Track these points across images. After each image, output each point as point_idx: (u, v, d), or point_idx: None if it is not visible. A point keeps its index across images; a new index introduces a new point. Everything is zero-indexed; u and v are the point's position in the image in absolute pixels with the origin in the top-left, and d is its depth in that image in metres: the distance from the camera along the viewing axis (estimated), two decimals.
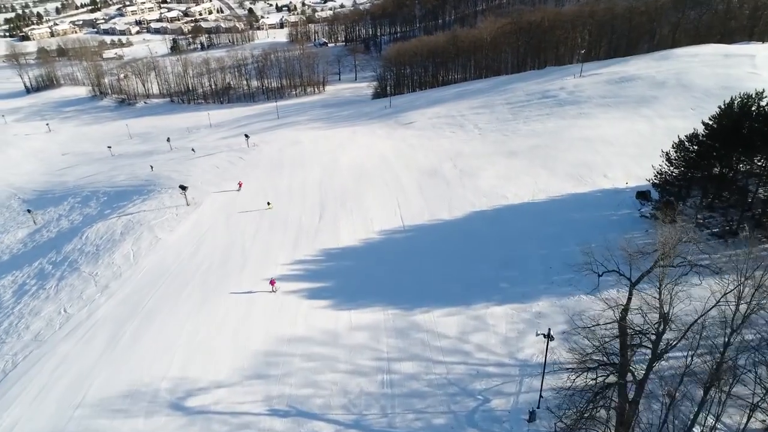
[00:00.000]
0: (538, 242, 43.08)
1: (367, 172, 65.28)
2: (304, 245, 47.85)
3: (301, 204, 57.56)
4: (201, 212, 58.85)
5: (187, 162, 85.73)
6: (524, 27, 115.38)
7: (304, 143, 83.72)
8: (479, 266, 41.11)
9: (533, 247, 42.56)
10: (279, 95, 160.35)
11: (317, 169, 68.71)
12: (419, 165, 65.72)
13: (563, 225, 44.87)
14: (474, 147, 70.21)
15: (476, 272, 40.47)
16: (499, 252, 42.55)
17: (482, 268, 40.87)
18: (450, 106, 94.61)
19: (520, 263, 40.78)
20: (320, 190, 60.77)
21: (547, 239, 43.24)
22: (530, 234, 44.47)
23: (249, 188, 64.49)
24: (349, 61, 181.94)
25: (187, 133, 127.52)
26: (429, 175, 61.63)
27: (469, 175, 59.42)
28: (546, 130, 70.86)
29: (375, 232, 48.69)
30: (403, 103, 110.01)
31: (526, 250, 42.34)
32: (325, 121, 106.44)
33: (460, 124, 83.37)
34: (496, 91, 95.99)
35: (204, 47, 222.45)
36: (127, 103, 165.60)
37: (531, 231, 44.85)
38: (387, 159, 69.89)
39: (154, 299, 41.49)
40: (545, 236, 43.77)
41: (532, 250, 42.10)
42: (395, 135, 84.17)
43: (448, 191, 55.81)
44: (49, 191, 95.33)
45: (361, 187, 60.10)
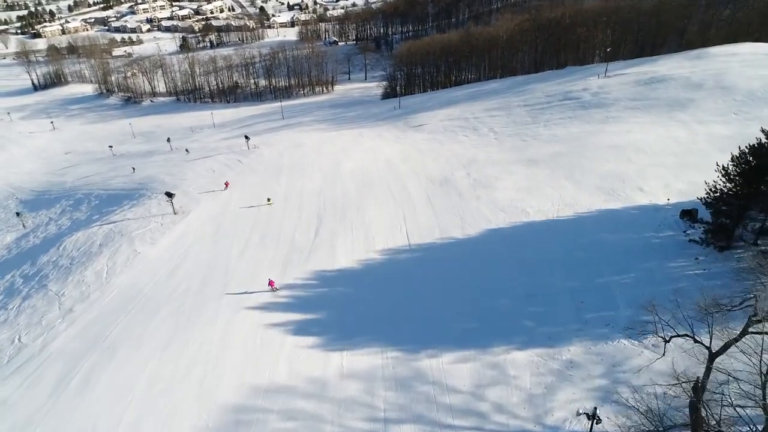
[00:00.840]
0: (566, 270, 36.27)
1: (372, 179, 58.84)
2: (295, 266, 41.53)
3: (297, 216, 51.28)
4: (188, 222, 52.86)
5: (184, 164, 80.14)
6: (543, 24, 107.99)
7: (307, 146, 77.49)
8: (497, 298, 34.46)
9: (561, 275, 35.76)
10: (287, 95, 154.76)
11: (317, 175, 62.42)
12: (429, 172, 59.12)
13: (595, 249, 38.00)
14: (489, 153, 63.40)
15: (494, 306, 33.82)
16: (521, 281, 35.82)
17: (501, 300, 34.21)
18: (463, 108, 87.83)
19: (545, 296, 34.02)
20: (319, 200, 54.46)
21: (577, 266, 36.41)
22: (557, 259, 37.66)
23: (243, 196, 58.43)
24: (359, 60, 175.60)
25: (190, 132, 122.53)
26: (439, 184, 55.00)
27: (485, 185, 52.68)
28: (569, 135, 63.79)
29: (377, 252, 42.20)
30: (413, 104, 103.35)
31: (552, 279, 35.56)
32: (330, 123, 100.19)
33: (474, 127, 76.55)
34: (512, 92, 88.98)
35: (213, 45, 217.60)
36: (133, 101, 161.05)
37: (557, 255, 38.03)
38: (394, 165, 63.37)
39: (118, 329, 35.45)
40: (575, 262, 36.95)
41: (559, 280, 35.31)
42: (404, 138, 77.63)
43: (461, 204, 49.13)
44: (46, 192, 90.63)
45: (364, 197, 53.69)
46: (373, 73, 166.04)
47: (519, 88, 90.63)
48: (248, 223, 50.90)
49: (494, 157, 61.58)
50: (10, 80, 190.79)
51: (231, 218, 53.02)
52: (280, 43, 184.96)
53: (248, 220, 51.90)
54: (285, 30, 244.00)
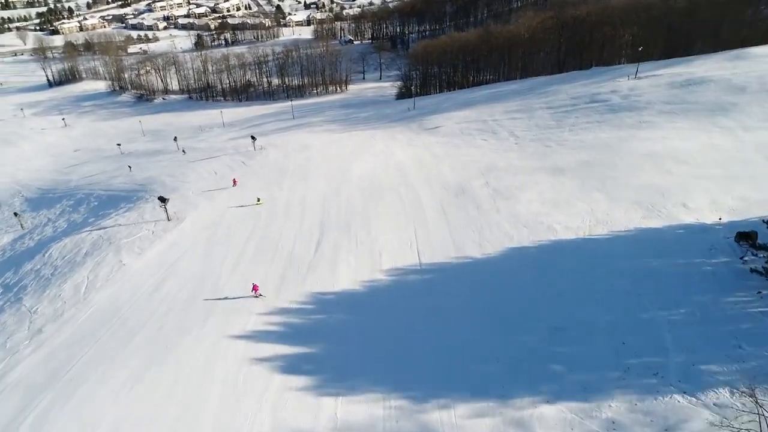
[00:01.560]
0: (602, 301, 30.75)
1: (381, 186, 53.78)
2: (291, 284, 36.62)
3: (298, 225, 46.41)
4: (181, 230, 48.37)
5: (187, 165, 76.20)
6: (567, 22, 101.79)
7: (314, 148, 72.81)
8: (520, 333, 29.12)
9: (595, 308, 30.25)
10: (299, 94, 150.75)
11: (323, 180, 57.59)
12: (444, 180, 53.85)
13: (636, 275, 32.40)
14: (510, 159, 57.89)
15: (516, 343, 28.49)
16: (548, 313, 30.40)
17: (524, 336, 28.86)
18: (481, 110, 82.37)
19: (578, 333, 28.56)
20: (322, 209, 49.56)
21: (615, 297, 30.87)
22: (590, 287, 32.15)
23: (242, 201, 53.85)
24: (374, 59, 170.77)
25: (199, 131, 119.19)
26: (455, 193, 49.69)
27: (505, 196, 47.23)
28: (599, 141, 57.97)
29: (383, 271, 37.07)
30: (428, 105, 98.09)
31: (585, 312, 30.07)
32: (341, 123, 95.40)
33: (493, 130, 71.02)
34: (534, 94, 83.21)
35: (228, 43, 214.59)
36: (145, 98, 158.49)
37: (591, 282, 32.52)
38: (406, 171, 58.24)
39: (86, 357, 30.91)
40: (611, 291, 31.41)
41: (594, 313, 29.81)
42: (417, 141, 72.44)
43: (479, 217, 43.77)
44: (51, 190, 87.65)
45: (372, 207, 48.63)
46: (387, 72, 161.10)
47: (541, 89, 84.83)
48: (245, 232, 46.21)
49: (515, 163, 56.08)
50: (26, 76, 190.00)
51: (227, 225, 48.42)
52: (294, 42, 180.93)
53: (245, 227, 47.22)
54: (301, 28, 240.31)
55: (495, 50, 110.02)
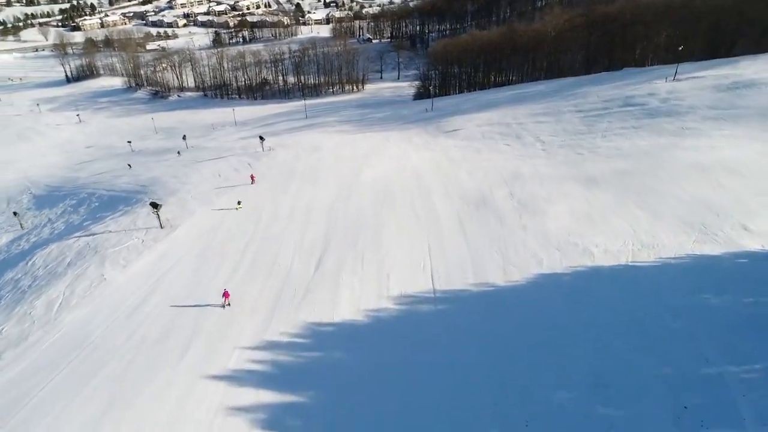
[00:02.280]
0: (652, 348, 25.05)
1: (394, 194, 48.58)
2: (284, 311, 31.64)
3: (300, 237, 41.48)
4: (173, 240, 43.86)
5: (192, 165, 72.15)
6: (597, 20, 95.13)
7: (325, 150, 67.95)
8: (554, 388, 23.62)
9: (645, 356, 24.58)
10: (315, 93, 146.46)
11: (332, 185, 52.64)
12: (462, 189, 48.41)
13: (694, 316, 26.63)
14: (537, 167, 52.16)
15: (549, 400, 22.99)
16: (587, 361, 24.82)
17: (559, 392, 23.35)
18: (504, 112, 76.55)
19: (626, 391, 22.96)
20: (328, 218, 44.55)
21: (670, 343, 25.14)
22: (637, 328, 26.48)
23: (243, 207, 49.25)
24: (392, 58, 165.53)
25: (211, 129, 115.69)
26: (475, 205, 44.21)
27: (532, 210, 41.62)
28: (636, 149, 51.87)
29: (391, 299, 31.85)
30: (447, 106, 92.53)
31: (633, 361, 24.41)
32: (355, 124, 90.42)
33: (517, 134, 65.25)
34: (561, 96, 77.08)
35: (246, 41, 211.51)
36: (161, 95, 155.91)
37: (638, 322, 26.83)
38: (421, 177, 52.94)
39: (41, 396, 26.35)
40: (664, 336, 25.70)
41: (644, 364, 24.15)
42: (435, 144, 67.07)
43: (502, 234, 38.27)
44: (58, 188, 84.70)
45: (383, 217, 43.45)
46: (406, 72, 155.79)
47: (569, 91, 78.64)
48: (241, 243, 41.44)
49: (543, 171, 50.34)
50: (45, 72, 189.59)
51: (223, 234, 43.75)
52: (311, 40, 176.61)
53: (243, 237, 42.47)
54: (319, 27, 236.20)
55: (519, 49, 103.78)
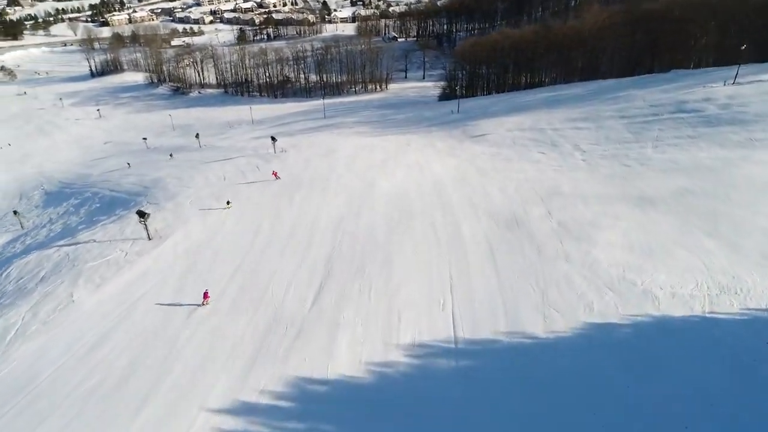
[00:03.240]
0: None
1: (411, 209, 41.95)
2: (269, 359, 25.35)
3: (300, 258, 35.23)
4: (158, 255, 38.14)
5: (199, 166, 67.13)
6: (641, 17, 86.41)
7: (339, 154, 61.73)
8: None
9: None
10: (337, 92, 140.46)
11: (342, 197, 46.30)
12: (492, 205, 41.48)
13: None
14: (578, 181, 44.85)
15: None
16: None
17: None
18: (537, 116, 68.99)
19: None
20: (334, 237, 38.17)
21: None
22: (727, 408, 19.40)
23: (240, 219, 43.37)
24: (417, 57, 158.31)
25: (227, 128, 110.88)
26: (507, 226, 37.28)
27: (576, 235, 34.49)
28: (696, 163, 44.06)
29: (401, 348, 25.28)
30: (474, 108, 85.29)
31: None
32: (375, 126, 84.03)
33: (553, 141, 57.85)
34: (601, 99, 69.09)
35: (270, 38, 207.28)
36: (181, 91, 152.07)
37: (728, 400, 19.72)
38: (444, 190, 46.17)
39: None
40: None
41: None
42: (460, 151, 60.16)
43: (540, 266, 31.29)
44: (69, 185, 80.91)
45: (397, 238, 36.88)
46: (432, 71, 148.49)
47: (610, 94, 70.56)
48: (232, 264, 35.43)
49: (585, 187, 43.01)
50: (72, 66, 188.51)
51: (214, 251, 37.86)
52: (335, 37, 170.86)
53: (234, 258, 36.46)
54: (345, 25, 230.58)
55: (553, 49, 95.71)
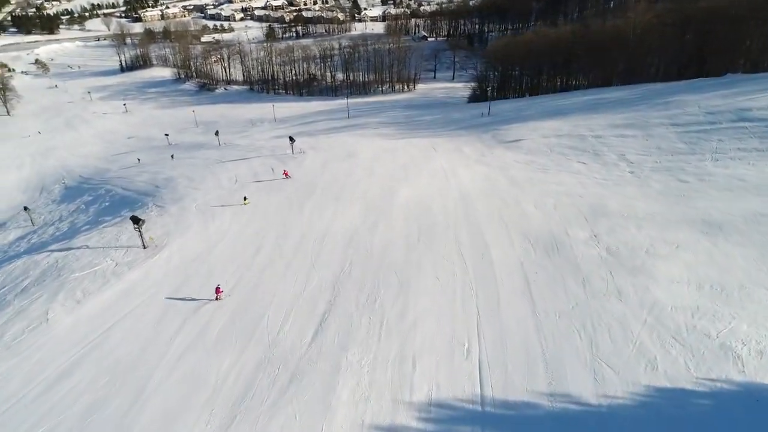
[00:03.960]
0: None
1: (434, 226, 36.75)
2: (251, 414, 20.57)
3: (303, 283, 30.42)
4: (149, 269, 34.00)
5: (212, 166, 63.71)
6: (692, 16, 78.76)
7: (359, 158, 57.01)
8: None
9: None
10: (364, 91, 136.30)
11: (358, 207, 41.44)
12: (527, 224, 35.92)
13: None
14: (626, 198, 38.86)
15: None
16: None
17: None
18: (576, 121, 62.77)
19: None
20: (344, 256, 33.28)
21: None
22: None
23: (244, 230, 39.02)
24: (447, 57, 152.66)
25: (249, 125, 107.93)
26: (545, 250, 31.72)
27: (629, 266, 28.70)
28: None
29: (414, 407, 20.20)
30: (506, 111, 79.37)
31: None
32: (399, 127, 79.03)
33: (595, 150, 51.75)
34: (649, 104, 62.30)
35: (299, 36, 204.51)
36: (207, 88, 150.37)
37: None
38: (472, 203, 40.78)
39: None
40: None
41: None
42: (490, 158, 54.63)
43: (587, 305, 25.71)
44: (88, 180, 79.19)
45: (416, 262, 31.72)
46: (462, 72, 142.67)
47: (658, 99, 63.65)
48: (227, 286, 30.74)
49: (636, 206, 37.00)
50: (103, 60, 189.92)
51: (210, 267, 33.49)
52: (363, 36, 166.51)
53: (231, 276, 31.85)
54: (374, 24, 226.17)
55: (593, 50, 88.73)
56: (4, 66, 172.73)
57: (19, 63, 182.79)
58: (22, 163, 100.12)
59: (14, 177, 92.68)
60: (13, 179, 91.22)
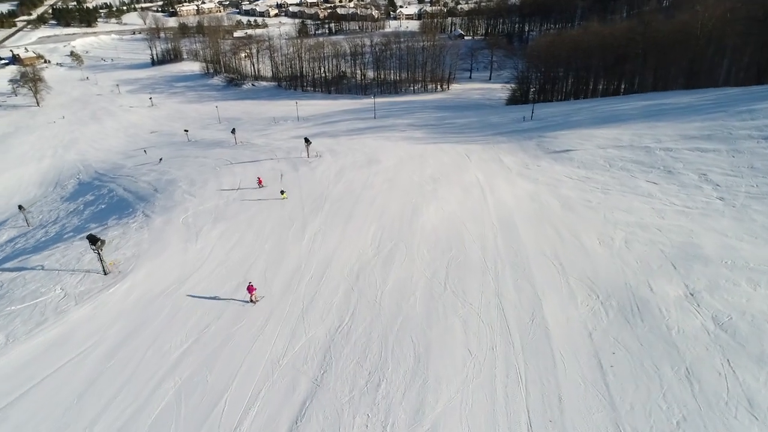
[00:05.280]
0: None
1: (466, 263, 27.74)
2: None
3: (282, 347, 21.91)
4: (101, 306, 26.33)
5: (220, 169, 56.57)
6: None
7: (381, 164, 48.51)
8: None
9: None
10: (394, 90, 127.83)
11: (371, 231, 32.91)
12: (591, 266, 26.51)
13: None
14: (723, 235, 28.91)
15: None
16: None
17: None
18: (637, 130, 52.37)
19: None
20: (345, 303, 24.65)
21: None
22: None
23: (229, 256, 31.14)
24: (485, 56, 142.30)
25: (271, 123, 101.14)
26: (621, 313, 22.32)
27: (756, 353, 19.14)
28: None
29: None
30: (551, 115, 69.29)
31: None
32: (430, 130, 70.05)
33: (667, 166, 41.60)
34: (728, 113, 51.28)
35: (332, 32, 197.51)
36: (235, 83, 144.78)
37: None
38: (515, 232, 31.57)
39: None
40: None
41: None
42: (536, 171, 45.11)
43: (700, 416, 16.44)
44: (102, 176, 73.95)
45: (439, 318, 22.87)
46: (500, 72, 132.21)
47: (740, 106, 52.51)
48: (180, 348, 22.83)
49: (742, 249, 27.02)
50: (136, 54, 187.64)
51: (169, 317, 25.30)
52: (396, 33, 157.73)
53: (190, 332, 23.76)
54: (409, 22, 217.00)
55: (653, 49, 77.49)
56: (41, 57, 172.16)
57: (55, 55, 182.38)
58: (42, 155, 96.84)
59: (33, 169, 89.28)
60: (32, 171, 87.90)
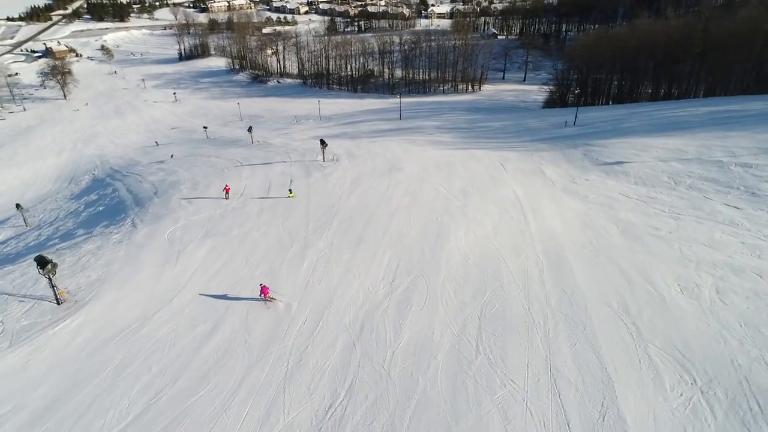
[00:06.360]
0: None
1: (505, 314, 20.90)
2: None
3: (257, 425, 16.06)
4: (36, 351, 20.69)
5: (227, 171, 51.06)
6: None
7: (403, 173, 41.92)
8: None
9: None
10: (423, 90, 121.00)
11: (384, 261, 26.33)
12: (676, 330, 19.29)
13: None
14: None
15: None
16: None
17: None
18: (705, 140, 44.19)
19: None
20: (342, 372, 18.09)
21: None
22: None
23: (205, 289, 25.16)
24: (519, 56, 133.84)
25: (293, 122, 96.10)
26: (733, 411, 15.35)
27: None
28: None
29: None
30: (597, 120, 61.32)
31: None
32: (459, 134, 62.98)
33: (750, 187, 33.63)
34: None
35: (361, 30, 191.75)
36: (260, 80, 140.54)
37: None
38: (567, 271, 24.42)
39: None
40: None
41: None
42: (585, 187, 37.68)
43: None
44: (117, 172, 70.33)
45: (470, 404, 16.32)
46: (536, 73, 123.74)
47: None
48: (129, 410, 17.02)
49: None
50: (165, 49, 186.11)
51: (122, 363, 19.54)
52: (426, 31, 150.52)
53: (141, 394, 17.86)
54: (441, 21, 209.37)
55: (714, 49, 68.51)
56: (72, 51, 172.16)
57: (87, 49, 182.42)
58: (62, 149, 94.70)
59: (51, 163, 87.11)
60: (50, 165, 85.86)
